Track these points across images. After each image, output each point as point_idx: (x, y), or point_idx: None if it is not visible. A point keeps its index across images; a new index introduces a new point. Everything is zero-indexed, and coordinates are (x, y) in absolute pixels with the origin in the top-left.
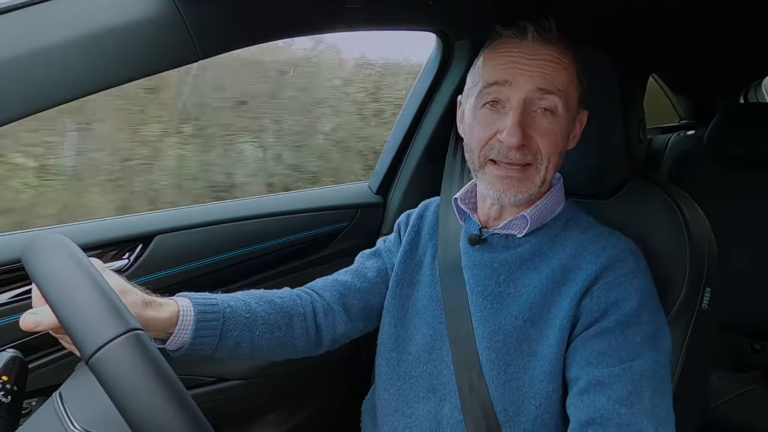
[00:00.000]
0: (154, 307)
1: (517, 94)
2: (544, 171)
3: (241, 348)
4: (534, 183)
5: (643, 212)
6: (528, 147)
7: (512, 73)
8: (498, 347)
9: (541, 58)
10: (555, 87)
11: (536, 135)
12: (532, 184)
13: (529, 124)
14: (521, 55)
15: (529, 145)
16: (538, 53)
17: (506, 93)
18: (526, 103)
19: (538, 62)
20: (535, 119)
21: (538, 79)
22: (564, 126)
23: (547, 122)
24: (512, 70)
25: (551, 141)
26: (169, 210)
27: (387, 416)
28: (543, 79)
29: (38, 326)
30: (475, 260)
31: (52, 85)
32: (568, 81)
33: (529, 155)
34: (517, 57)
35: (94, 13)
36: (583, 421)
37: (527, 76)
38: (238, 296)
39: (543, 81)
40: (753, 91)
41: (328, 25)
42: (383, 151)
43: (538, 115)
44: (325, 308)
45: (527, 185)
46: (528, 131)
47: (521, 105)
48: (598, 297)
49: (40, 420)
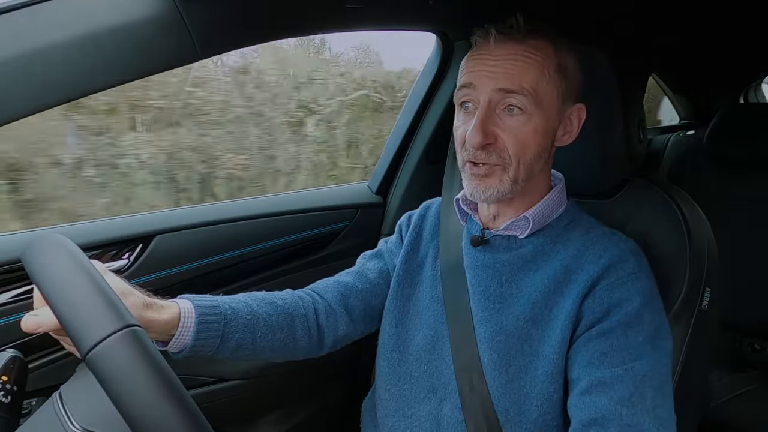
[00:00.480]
0: (155, 309)
1: (480, 95)
2: (514, 170)
3: (242, 350)
4: (503, 181)
5: (643, 212)
6: (494, 146)
7: (477, 76)
8: (499, 348)
9: (504, 58)
10: (519, 86)
11: (503, 134)
12: (500, 182)
13: (495, 123)
14: (487, 57)
15: (495, 144)
16: (502, 53)
17: (474, 95)
18: (492, 104)
19: (502, 62)
20: (502, 118)
21: (500, 80)
22: (539, 124)
23: (515, 121)
24: (477, 73)
25: (519, 140)
26: (169, 210)
27: (387, 417)
28: (505, 79)
29: (39, 328)
30: (477, 261)
31: (52, 85)
32: (538, 77)
33: (493, 154)
34: (484, 59)
35: (94, 13)
36: (585, 421)
37: (490, 78)
38: (240, 298)
39: (505, 81)
40: (753, 91)
41: (328, 25)
42: (383, 151)
43: (505, 114)
44: (327, 309)
45: (494, 182)
46: (492, 130)
47: (484, 106)
48: (600, 297)
49: (40, 420)
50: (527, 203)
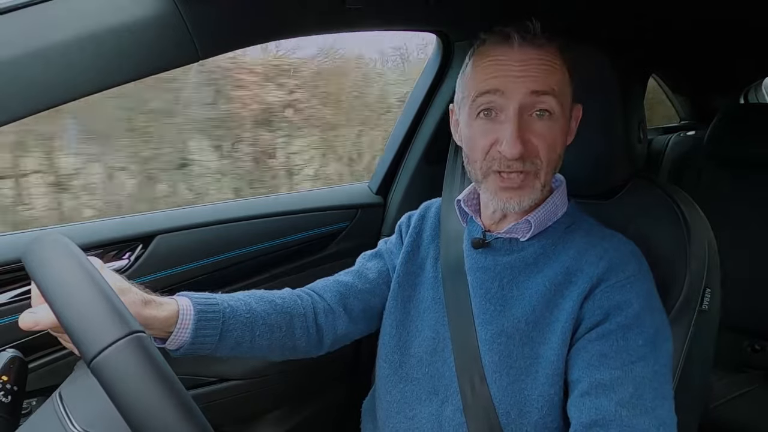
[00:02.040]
0: (154, 306)
1: (511, 102)
2: (544, 175)
3: (241, 348)
4: (535, 188)
5: (643, 213)
6: (527, 153)
7: (503, 82)
8: (500, 350)
9: (530, 63)
10: (549, 88)
11: (535, 139)
12: (532, 189)
13: (528, 129)
14: (510, 62)
15: (528, 152)
16: (526, 58)
17: (500, 102)
18: (522, 110)
19: (529, 66)
20: (533, 124)
21: (530, 83)
22: (562, 126)
23: (545, 125)
24: (503, 78)
25: (550, 144)
26: (169, 210)
27: (388, 418)
28: (535, 81)
29: (37, 325)
30: (479, 263)
31: (52, 85)
32: (561, 80)
33: (528, 162)
34: (506, 63)
35: (94, 13)
36: (585, 423)
37: (519, 82)
38: (239, 296)
39: (536, 83)
40: (753, 92)
41: (328, 25)
42: (383, 151)
43: (535, 119)
44: (326, 309)
45: (528, 192)
46: (527, 137)
47: (517, 113)
48: (600, 300)
49: (40, 420)
50: (531, 205)
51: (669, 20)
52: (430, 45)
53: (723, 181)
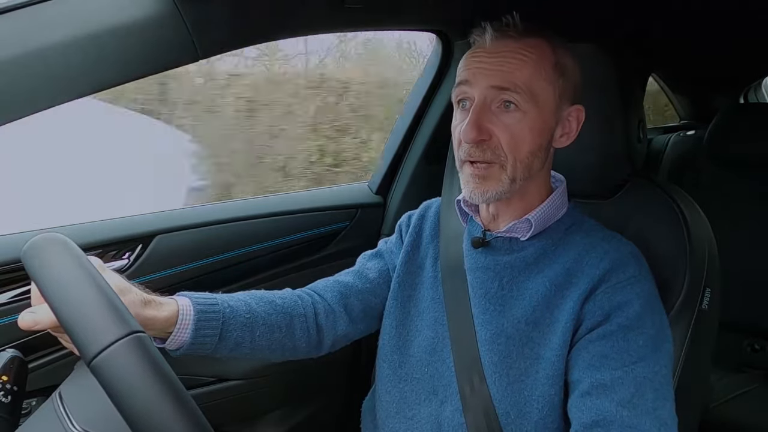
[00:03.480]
0: (154, 306)
1: (475, 92)
2: (512, 168)
3: (241, 348)
4: (501, 181)
5: (643, 212)
6: (488, 143)
7: (472, 73)
8: (500, 350)
9: (500, 55)
10: (512, 83)
11: (497, 130)
12: (499, 182)
13: (490, 120)
14: (483, 54)
15: (489, 142)
16: (498, 51)
17: (469, 92)
18: (486, 101)
19: (497, 59)
20: (497, 115)
21: (493, 77)
22: (535, 121)
23: (510, 117)
24: (473, 70)
25: (513, 136)
26: (169, 210)
27: (388, 418)
28: (499, 76)
29: (36, 325)
30: (478, 263)
31: (52, 85)
32: (533, 75)
33: (488, 151)
34: (480, 56)
35: (94, 13)
36: (586, 423)
37: (484, 75)
38: (239, 296)
39: (498, 78)
40: (753, 91)
41: (328, 25)
42: (383, 151)
43: (501, 111)
44: (326, 309)
45: (494, 183)
46: (487, 127)
47: (479, 103)
48: (600, 301)
49: (40, 420)
50: (526, 204)
51: (669, 20)
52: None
53: (723, 180)
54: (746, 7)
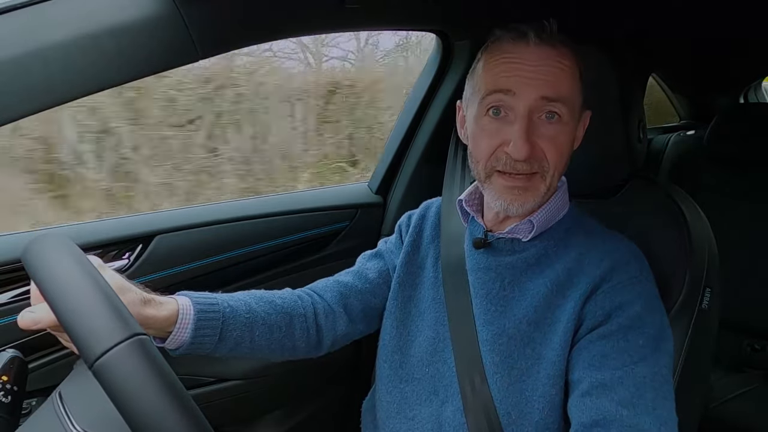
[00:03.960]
0: (153, 306)
1: (521, 103)
2: (550, 179)
3: (240, 348)
4: (539, 191)
5: (643, 212)
6: (534, 156)
7: (515, 82)
8: (501, 350)
9: (544, 64)
10: (559, 94)
11: (542, 143)
12: (537, 192)
13: (535, 132)
14: (523, 62)
15: (534, 155)
16: (540, 59)
17: (509, 102)
18: (531, 112)
19: (541, 69)
20: (541, 128)
21: (542, 88)
22: (570, 131)
23: (553, 130)
24: (515, 78)
25: (558, 149)
26: (169, 210)
27: (389, 418)
28: (547, 87)
29: (36, 324)
30: (480, 263)
31: (52, 85)
32: (572, 85)
33: (535, 164)
34: (519, 63)
35: (94, 13)
36: (586, 423)
37: (531, 85)
38: (239, 296)
39: (547, 89)
40: (753, 91)
41: (328, 25)
42: (383, 151)
43: (544, 123)
44: (326, 309)
45: (533, 194)
46: (534, 140)
47: (526, 115)
48: (602, 301)
49: (40, 420)
50: None
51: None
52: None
53: (723, 180)
54: (746, 7)
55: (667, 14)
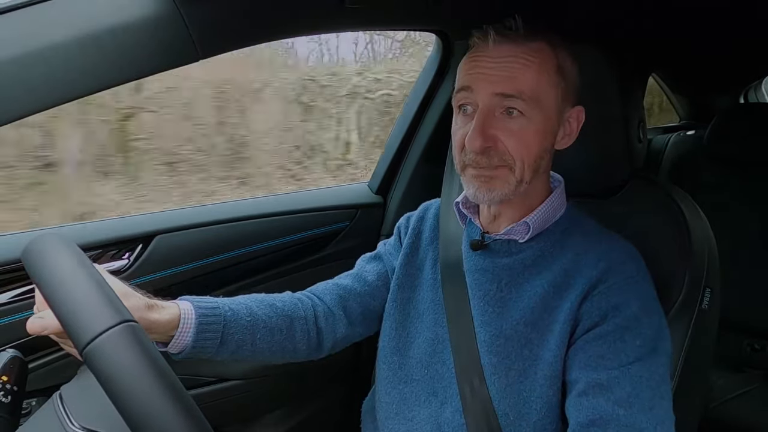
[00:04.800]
0: (156, 310)
1: (479, 98)
2: (520, 171)
3: (242, 351)
4: (508, 182)
5: (643, 212)
6: (494, 149)
7: (474, 79)
8: (499, 351)
9: (503, 61)
10: (517, 90)
11: (503, 136)
12: (506, 183)
13: (495, 126)
14: (485, 59)
15: (495, 148)
16: (500, 56)
17: (471, 98)
18: (490, 108)
19: (500, 65)
20: (501, 121)
21: (497, 84)
22: (539, 125)
23: (514, 124)
24: (474, 76)
25: (520, 142)
26: (169, 210)
27: (388, 419)
28: (503, 82)
29: (45, 330)
30: (477, 265)
31: (52, 85)
32: (537, 80)
33: (495, 157)
34: (481, 61)
35: (94, 13)
36: (583, 423)
37: (487, 81)
38: (240, 300)
39: (503, 85)
40: (753, 91)
41: (328, 25)
42: (383, 150)
43: (505, 117)
44: (326, 312)
45: (500, 184)
46: (493, 133)
47: (482, 110)
48: (598, 301)
49: (40, 420)
50: (527, 205)
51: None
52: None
53: (723, 181)
54: (746, 7)
55: (667, 14)
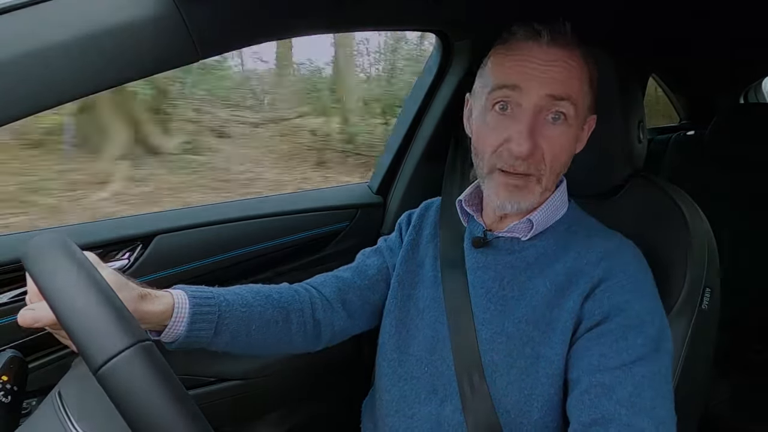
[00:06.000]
0: (150, 300)
1: (528, 99)
2: (547, 181)
3: (237, 342)
4: (535, 192)
5: (643, 212)
6: (533, 157)
7: (523, 78)
8: (500, 349)
9: (553, 63)
10: (567, 93)
11: (545, 144)
12: (532, 194)
13: (540, 131)
14: (533, 59)
15: (534, 155)
16: (550, 58)
17: (516, 97)
18: (537, 110)
19: (551, 67)
20: (546, 127)
21: (550, 85)
22: (573, 134)
23: (557, 130)
24: (523, 74)
25: (558, 150)
26: (169, 210)
27: (388, 417)
28: (555, 85)
29: (37, 323)
30: (479, 262)
31: (52, 85)
32: (580, 87)
33: (532, 166)
34: (529, 60)
35: (93, 13)
36: (585, 422)
37: (539, 81)
38: (235, 290)
39: (555, 87)
40: (753, 91)
41: (328, 25)
42: (383, 150)
43: (549, 122)
44: (324, 304)
45: (528, 195)
46: (537, 139)
47: (532, 111)
48: (600, 300)
49: (40, 420)
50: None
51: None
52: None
53: (723, 181)
54: (746, 8)
55: (668, 14)
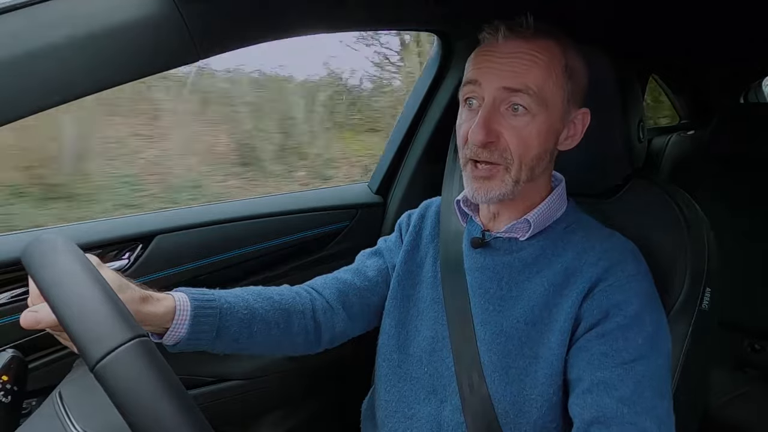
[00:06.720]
0: (151, 302)
1: (487, 93)
2: (516, 170)
3: (238, 344)
4: (504, 182)
5: (643, 212)
6: (496, 145)
7: (482, 73)
8: (499, 349)
9: (511, 56)
10: (524, 85)
11: (505, 133)
12: (502, 183)
13: (499, 122)
14: (493, 54)
15: (497, 144)
16: (509, 51)
17: (478, 92)
18: (495, 102)
19: (508, 60)
20: (506, 118)
21: (505, 78)
22: (543, 125)
23: (518, 120)
24: (482, 70)
25: (522, 140)
26: (169, 210)
27: (387, 417)
28: (510, 77)
29: (38, 324)
30: (478, 263)
31: (51, 85)
32: (544, 77)
33: (496, 153)
34: (488, 55)
35: (93, 13)
36: (588, 420)
37: (494, 75)
38: (237, 292)
39: (510, 80)
40: (753, 91)
41: (328, 25)
42: (383, 151)
43: (509, 113)
44: (324, 306)
45: (497, 184)
46: (496, 129)
47: (488, 104)
48: (599, 300)
49: (40, 420)
50: (527, 204)
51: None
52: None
53: (723, 180)
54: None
55: (667, 14)
